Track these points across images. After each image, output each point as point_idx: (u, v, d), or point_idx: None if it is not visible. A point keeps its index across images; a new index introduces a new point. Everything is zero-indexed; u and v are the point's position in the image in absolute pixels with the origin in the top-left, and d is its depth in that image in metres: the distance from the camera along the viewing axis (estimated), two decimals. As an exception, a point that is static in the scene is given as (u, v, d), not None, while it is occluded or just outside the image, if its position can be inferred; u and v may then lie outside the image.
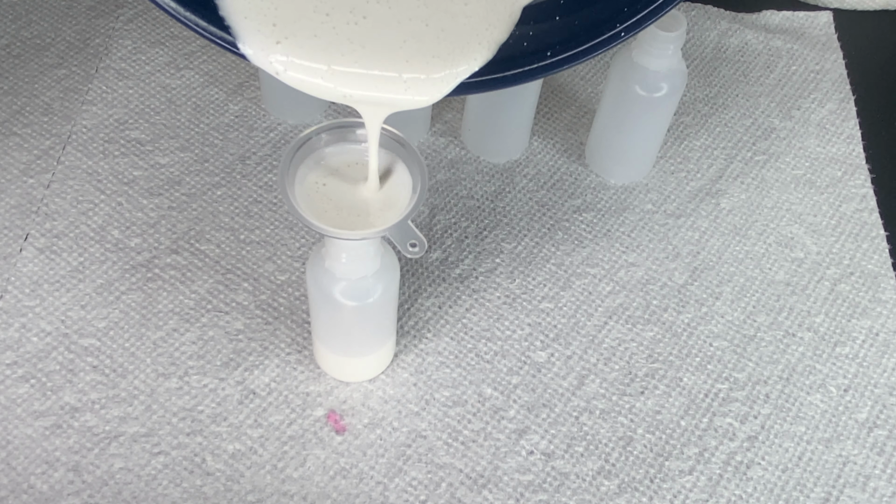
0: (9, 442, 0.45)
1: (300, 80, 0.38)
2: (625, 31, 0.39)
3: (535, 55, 0.39)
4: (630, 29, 0.39)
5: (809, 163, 0.62)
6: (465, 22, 0.38)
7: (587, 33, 0.39)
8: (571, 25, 0.39)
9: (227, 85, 0.62)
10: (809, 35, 0.70)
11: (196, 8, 0.38)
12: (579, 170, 0.60)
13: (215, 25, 0.38)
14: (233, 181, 0.57)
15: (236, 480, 0.45)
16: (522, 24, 0.39)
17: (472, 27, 0.38)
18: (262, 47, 0.37)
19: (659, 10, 0.38)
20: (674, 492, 0.47)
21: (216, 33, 0.38)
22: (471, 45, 0.38)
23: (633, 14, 0.38)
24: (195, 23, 0.38)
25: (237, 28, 0.37)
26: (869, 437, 0.49)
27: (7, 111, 0.59)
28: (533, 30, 0.39)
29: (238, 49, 0.38)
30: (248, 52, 0.38)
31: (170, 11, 0.38)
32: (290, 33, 0.37)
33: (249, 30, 0.37)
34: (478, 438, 0.48)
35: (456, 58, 0.38)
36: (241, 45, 0.38)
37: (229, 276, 0.52)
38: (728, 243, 0.57)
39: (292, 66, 0.38)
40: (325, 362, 0.49)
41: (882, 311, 0.54)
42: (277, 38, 0.37)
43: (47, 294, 0.51)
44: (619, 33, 0.39)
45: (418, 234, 0.39)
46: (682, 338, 0.52)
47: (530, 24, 0.39)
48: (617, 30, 0.39)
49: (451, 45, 0.38)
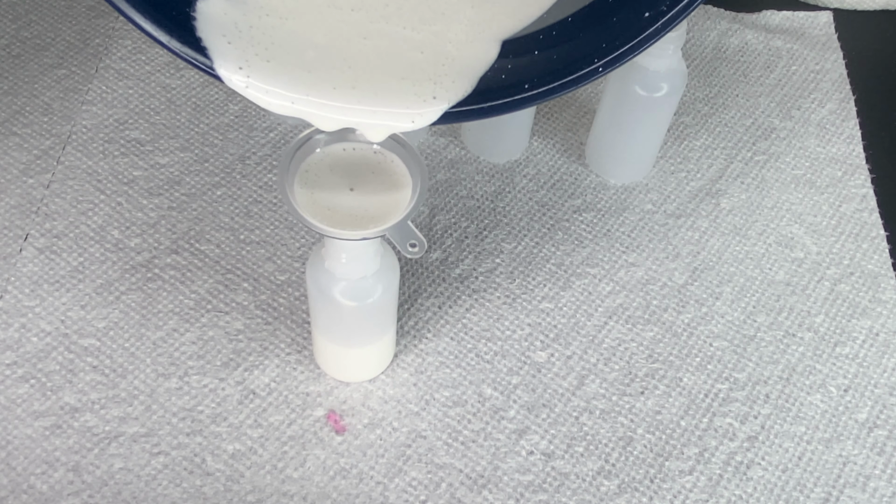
0: (9, 442, 0.45)
1: (279, 106, 0.38)
2: (603, 67, 0.38)
3: (513, 88, 0.39)
4: (609, 65, 0.38)
5: (809, 163, 0.62)
6: (449, 55, 0.39)
7: (565, 68, 0.39)
8: (550, 60, 0.39)
9: (226, 85, 0.62)
10: (809, 35, 0.70)
11: (172, 28, 0.37)
12: (579, 170, 0.60)
13: (191, 46, 0.38)
14: (233, 181, 0.57)
15: (236, 480, 0.45)
16: (501, 58, 0.39)
17: (457, 61, 0.39)
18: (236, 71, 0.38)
19: (638, 47, 0.38)
20: (674, 492, 0.47)
21: (189, 53, 0.38)
22: (447, 81, 0.39)
23: (612, 50, 0.38)
24: (169, 42, 0.37)
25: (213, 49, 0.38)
26: (869, 438, 0.49)
27: (7, 111, 0.59)
28: (511, 63, 0.39)
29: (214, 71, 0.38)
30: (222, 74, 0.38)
31: (148, 32, 0.37)
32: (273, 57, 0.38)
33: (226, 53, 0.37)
34: (478, 438, 0.48)
35: (434, 92, 0.39)
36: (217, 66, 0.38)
37: (229, 276, 0.52)
38: (728, 243, 0.57)
39: (264, 91, 0.38)
40: (325, 362, 0.49)
41: (882, 311, 0.54)
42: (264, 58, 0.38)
43: (47, 294, 0.51)
44: (598, 69, 0.38)
45: (418, 235, 0.39)
46: (682, 338, 0.52)
47: (509, 58, 0.39)
48: (595, 65, 0.38)
49: (427, 80, 0.38)
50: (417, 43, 0.39)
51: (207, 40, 0.38)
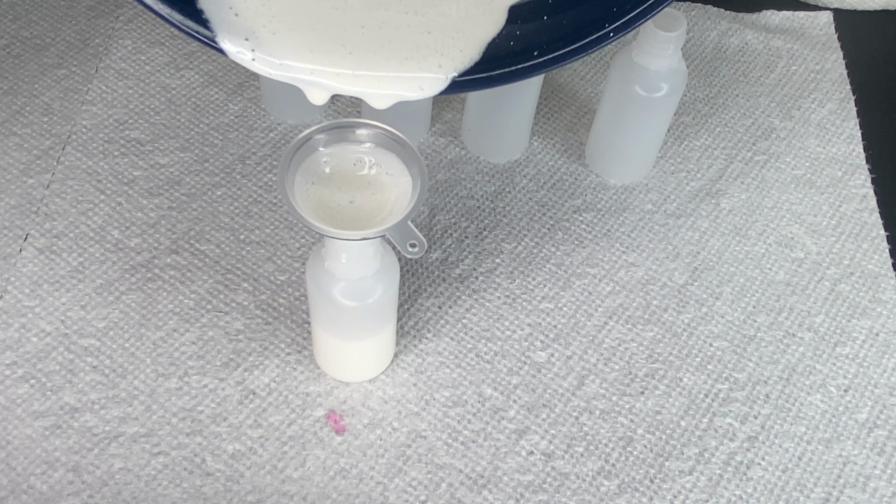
0: (9, 442, 0.45)
1: (281, 75, 0.38)
2: (613, 32, 0.37)
3: (522, 55, 0.38)
4: (619, 29, 0.37)
5: (809, 163, 0.62)
6: (447, 22, 0.38)
7: (575, 33, 0.38)
8: (560, 25, 0.38)
9: (227, 85, 0.62)
10: (809, 35, 0.70)
11: (173, 1, 0.37)
12: (579, 170, 0.60)
13: (193, 19, 0.37)
14: (233, 181, 0.57)
15: (236, 481, 0.45)
16: (510, 24, 0.38)
17: (454, 26, 0.38)
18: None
19: (649, 11, 0.37)
20: (674, 492, 0.47)
21: (191, 26, 0.37)
22: (454, 51, 0.38)
23: (623, 14, 0.37)
24: (170, 15, 0.37)
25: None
26: (869, 438, 0.49)
27: (7, 111, 0.59)
28: (520, 29, 0.38)
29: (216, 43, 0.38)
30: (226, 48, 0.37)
31: (147, 4, 0.37)
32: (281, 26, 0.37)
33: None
34: (478, 438, 0.48)
35: (438, 58, 0.38)
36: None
37: (229, 276, 0.52)
38: (728, 243, 0.57)
39: (266, 62, 0.37)
40: (325, 362, 0.49)
41: (882, 311, 0.54)
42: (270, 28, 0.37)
43: (47, 294, 0.51)
44: (608, 34, 0.37)
45: (418, 235, 0.39)
46: (682, 338, 0.52)
47: (517, 24, 0.39)
48: (606, 30, 0.37)
49: (435, 46, 0.38)
50: (424, 26, 0.38)
51: (210, 12, 0.37)
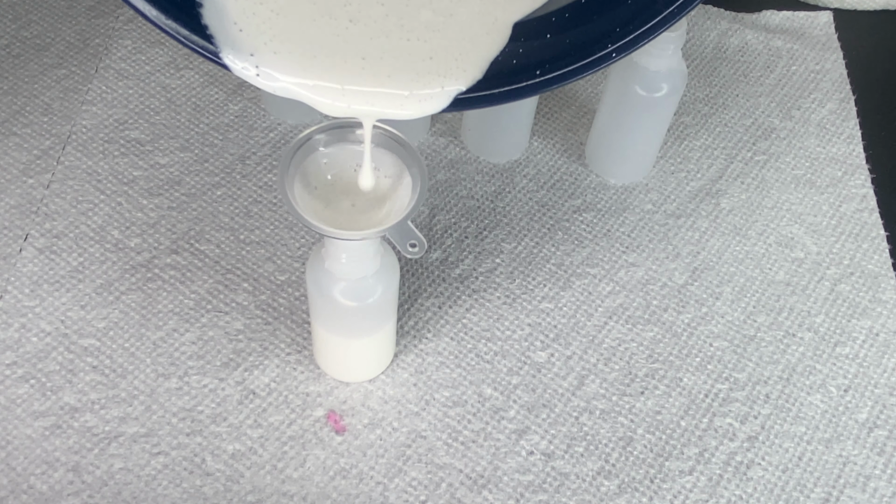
0: (8, 442, 0.45)
1: (284, 89, 0.38)
2: (616, 52, 0.37)
3: (524, 73, 0.39)
4: (622, 50, 0.37)
5: (809, 163, 0.62)
6: (451, 40, 0.38)
7: (577, 53, 0.38)
8: (562, 44, 0.38)
9: (227, 85, 0.62)
10: (809, 35, 0.70)
11: (178, 15, 0.37)
12: (579, 170, 0.60)
13: (197, 34, 0.37)
14: (233, 181, 0.57)
15: (236, 481, 0.45)
16: (512, 42, 0.39)
17: (458, 45, 0.38)
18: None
19: (652, 32, 0.37)
20: (674, 492, 0.47)
21: (195, 41, 0.37)
22: (457, 64, 0.38)
23: (626, 35, 0.37)
24: (176, 31, 0.37)
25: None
26: (869, 438, 0.49)
27: (7, 111, 0.59)
28: (523, 47, 0.39)
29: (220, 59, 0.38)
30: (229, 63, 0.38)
31: (150, 19, 0.37)
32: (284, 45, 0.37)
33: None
34: (478, 439, 0.48)
35: (442, 76, 0.38)
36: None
37: (229, 276, 0.52)
38: (728, 243, 0.57)
39: (270, 77, 0.38)
40: (325, 362, 0.49)
41: (882, 311, 0.54)
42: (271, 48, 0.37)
43: (47, 294, 0.51)
44: (611, 54, 0.37)
45: (418, 235, 0.39)
46: (682, 338, 0.52)
47: (520, 42, 0.39)
48: (608, 50, 0.38)
49: (437, 64, 0.38)
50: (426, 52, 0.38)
51: (214, 28, 0.37)
